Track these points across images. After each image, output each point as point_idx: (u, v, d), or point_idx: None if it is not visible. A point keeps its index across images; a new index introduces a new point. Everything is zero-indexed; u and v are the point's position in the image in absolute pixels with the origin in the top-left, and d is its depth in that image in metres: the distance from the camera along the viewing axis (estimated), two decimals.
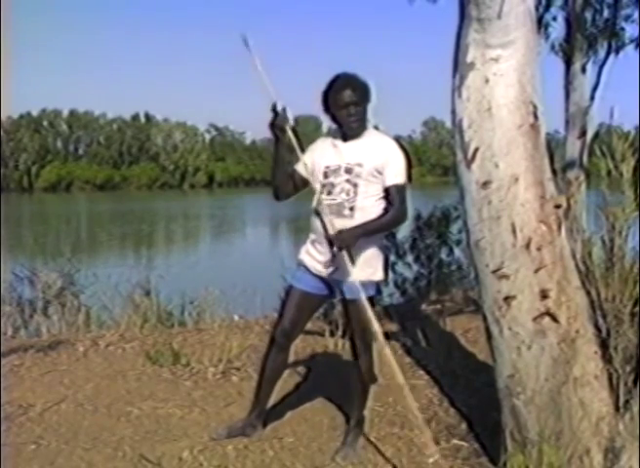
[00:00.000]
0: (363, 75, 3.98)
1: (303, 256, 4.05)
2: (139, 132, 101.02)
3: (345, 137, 3.95)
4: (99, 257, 20.82)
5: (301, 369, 5.35)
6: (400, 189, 3.85)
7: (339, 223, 3.84)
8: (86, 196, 78.61)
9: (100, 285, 7.83)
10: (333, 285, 4.01)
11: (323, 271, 3.98)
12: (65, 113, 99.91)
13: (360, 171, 3.86)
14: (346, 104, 3.86)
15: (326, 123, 4.06)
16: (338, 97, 3.87)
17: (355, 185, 3.86)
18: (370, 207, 3.85)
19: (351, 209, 3.86)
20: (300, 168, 4.03)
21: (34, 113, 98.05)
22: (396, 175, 3.85)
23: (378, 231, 3.93)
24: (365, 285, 3.90)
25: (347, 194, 3.87)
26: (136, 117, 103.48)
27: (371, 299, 3.99)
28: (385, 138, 3.95)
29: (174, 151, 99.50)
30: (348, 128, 3.91)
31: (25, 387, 5.07)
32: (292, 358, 5.40)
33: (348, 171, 3.88)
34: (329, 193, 3.91)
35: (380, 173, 3.84)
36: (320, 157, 4.00)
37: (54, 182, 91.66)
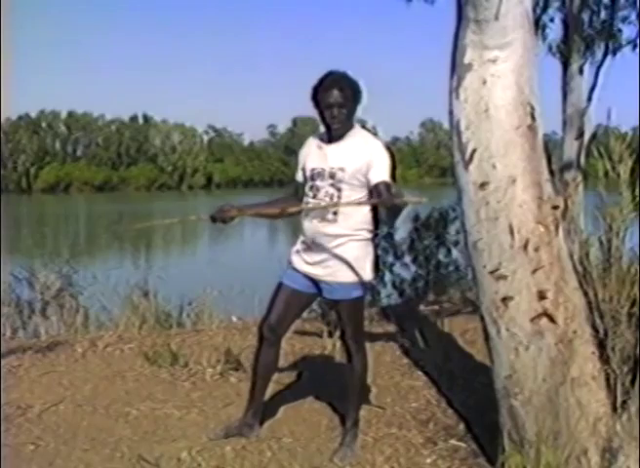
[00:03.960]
0: (358, 75, 3.96)
1: (293, 256, 4.08)
2: (137, 133, 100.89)
3: (330, 139, 3.95)
4: (97, 258, 20.81)
5: (299, 369, 5.35)
6: (389, 186, 3.77)
7: (322, 227, 3.89)
8: (84, 197, 78.52)
9: (98, 286, 7.81)
10: (318, 284, 4.02)
11: (309, 272, 4.01)
12: (64, 114, 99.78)
13: (343, 175, 3.86)
14: (330, 105, 3.85)
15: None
16: (324, 96, 3.86)
17: (339, 190, 3.87)
18: (353, 211, 3.86)
19: (335, 213, 3.87)
20: (299, 177, 4.09)
21: (33, 114, 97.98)
22: (382, 172, 3.81)
23: (393, 204, 3.77)
24: (350, 286, 3.92)
25: (331, 198, 3.88)
26: (134, 118, 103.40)
27: (357, 301, 4.00)
28: (369, 139, 3.93)
29: (172, 152, 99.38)
30: (331, 129, 3.92)
31: (24, 388, 5.07)
32: (290, 359, 5.43)
33: (332, 175, 3.90)
34: (314, 196, 3.94)
35: (362, 175, 3.83)
36: (307, 159, 4.02)
37: (52, 183, 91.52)
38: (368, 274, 3.98)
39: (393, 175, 3.87)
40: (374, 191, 3.80)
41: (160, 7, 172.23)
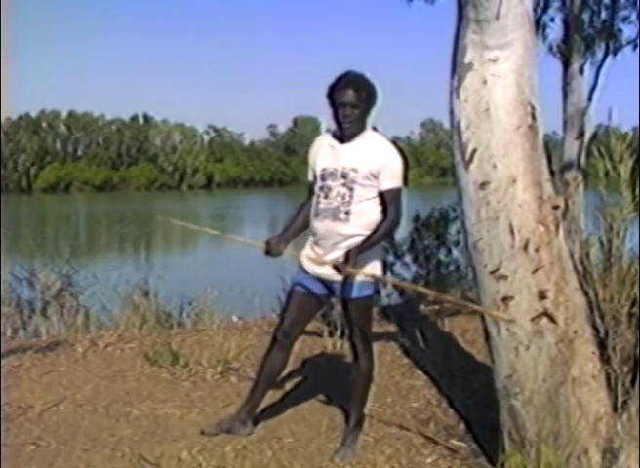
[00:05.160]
0: (370, 76, 3.98)
1: (303, 260, 4.09)
2: (137, 133, 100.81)
3: (343, 138, 3.96)
4: (97, 258, 20.81)
5: (300, 369, 5.35)
6: (395, 194, 3.89)
7: (334, 227, 3.90)
8: (85, 197, 78.49)
9: (98, 286, 7.83)
10: (330, 285, 4.03)
11: (320, 273, 4.01)
12: (64, 114, 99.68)
13: (355, 176, 3.88)
14: (344, 104, 3.87)
15: (324, 123, 4.08)
16: (338, 95, 3.89)
17: (351, 189, 3.89)
18: (365, 210, 3.89)
19: (347, 212, 3.89)
20: (310, 177, 4.10)
21: (33, 114, 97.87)
22: (391, 179, 3.88)
23: (375, 244, 3.95)
24: (362, 284, 3.93)
25: (343, 198, 3.90)
26: (134, 118, 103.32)
27: (369, 299, 4.01)
28: (382, 142, 3.95)
29: (172, 152, 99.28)
30: (342, 128, 3.93)
31: (24, 388, 5.07)
32: (290, 359, 5.42)
33: (344, 175, 3.91)
34: (325, 197, 3.95)
35: (374, 177, 3.87)
36: (318, 158, 4.03)
37: (53, 183, 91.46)
38: (378, 273, 4.01)
39: (405, 176, 3.94)
40: (383, 197, 3.89)
41: (160, 6, 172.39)
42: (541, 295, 3.46)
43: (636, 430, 3.38)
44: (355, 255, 3.80)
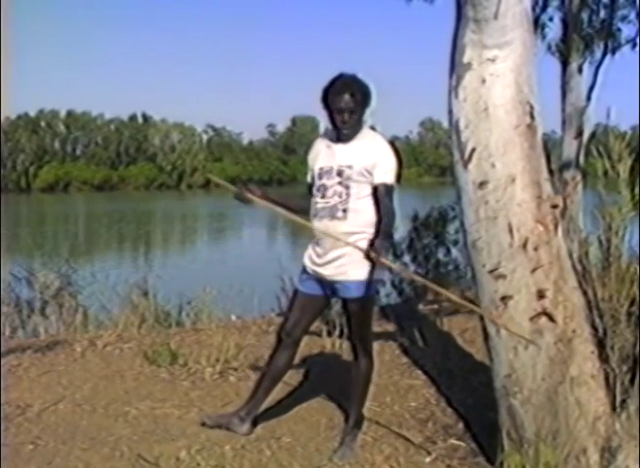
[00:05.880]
0: (363, 76, 3.98)
1: (305, 260, 4.12)
2: (136, 132, 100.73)
3: (339, 138, 3.96)
4: (96, 258, 20.81)
5: (299, 368, 5.35)
6: (388, 189, 3.89)
7: (331, 225, 3.89)
8: (84, 196, 78.45)
9: (97, 285, 7.83)
10: (332, 285, 4.03)
11: (322, 273, 4.02)
12: (63, 114, 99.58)
13: (350, 173, 3.90)
14: (341, 110, 3.88)
15: (323, 123, 4.09)
16: (335, 100, 3.89)
17: (347, 187, 3.90)
18: (362, 208, 3.90)
19: (344, 210, 3.90)
20: (309, 179, 4.11)
21: (32, 114, 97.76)
22: (385, 173, 3.89)
23: (388, 235, 4.00)
24: (363, 283, 3.93)
25: (340, 196, 3.91)
26: (133, 117, 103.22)
27: (370, 299, 4.02)
28: (377, 139, 3.97)
29: (171, 152, 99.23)
30: (341, 132, 3.94)
31: (23, 387, 5.07)
32: None
33: (340, 173, 3.92)
34: (322, 196, 3.96)
35: (369, 173, 3.88)
36: (316, 159, 4.04)
37: (51, 183, 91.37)
38: (380, 271, 4.01)
39: (399, 175, 3.94)
40: (376, 191, 3.89)
41: (159, 5, 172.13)
42: (540, 295, 3.46)
43: (635, 429, 3.38)
44: (381, 246, 3.81)
